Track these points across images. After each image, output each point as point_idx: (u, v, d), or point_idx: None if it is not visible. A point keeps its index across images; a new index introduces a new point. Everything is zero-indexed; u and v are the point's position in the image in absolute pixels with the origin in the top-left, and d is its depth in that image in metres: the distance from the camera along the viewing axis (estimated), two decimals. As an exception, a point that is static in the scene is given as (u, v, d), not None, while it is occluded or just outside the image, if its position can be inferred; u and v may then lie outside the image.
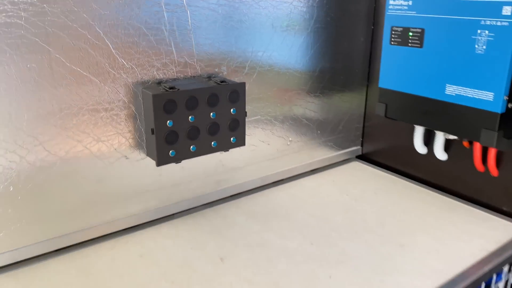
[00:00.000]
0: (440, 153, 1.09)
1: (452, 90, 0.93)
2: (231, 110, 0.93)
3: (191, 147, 0.89)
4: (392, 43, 1.00)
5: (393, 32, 1.00)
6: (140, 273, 0.80)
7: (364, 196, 1.10)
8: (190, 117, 0.87)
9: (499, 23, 0.82)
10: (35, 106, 0.75)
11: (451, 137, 1.03)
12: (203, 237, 0.92)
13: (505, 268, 0.96)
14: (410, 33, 0.97)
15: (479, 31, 0.85)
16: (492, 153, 0.98)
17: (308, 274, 0.80)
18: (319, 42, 1.12)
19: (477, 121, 0.89)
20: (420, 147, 1.13)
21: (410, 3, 0.96)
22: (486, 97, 0.87)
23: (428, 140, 1.13)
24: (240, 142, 0.97)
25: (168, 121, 0.84)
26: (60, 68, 0.76)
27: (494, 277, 0.90)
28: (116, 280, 0.78)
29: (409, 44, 0.97)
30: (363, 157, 1.35)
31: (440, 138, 1.07)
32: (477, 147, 1.00)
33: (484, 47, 0.85)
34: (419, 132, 1.11)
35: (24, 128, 0.75)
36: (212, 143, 0.92)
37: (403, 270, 0.81)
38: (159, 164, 0.86)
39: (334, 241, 0.90)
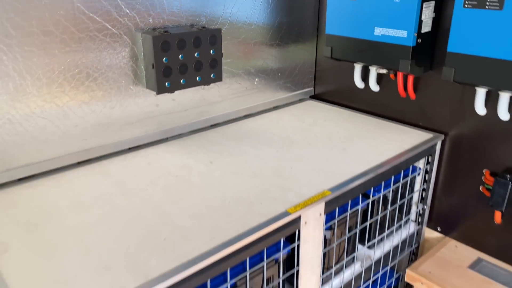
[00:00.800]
0: (374, 86, 1.40)
1: (379, 32, 1.22)
2: (211, 51, 1.18)
3: (182, 80, 1.14)
4: (334, -3, 1.29)
5: (334, -11, 1.28)
6: (151, 172, 1.06)
7: (317, 122, 1.40)
8: (180, 55, 1.11)
9: (408, -22, 1.11)
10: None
11: (381, 71, 1.34)
12: (194, 151, 1.18)
13: (421, 164, 1.29)
14: (347, -11, 1.25)
15: (395, -15, 1.14)
16: (410, 80, 1.29)
17: (275, 167, 1.08)
18: (275, 1, 1.39)
19: (397, 54, 1.19)
20: (359, 83, 1.44)
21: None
22: (402, 35, 1.17)
23: (365, 77, 1.43)
24: (218, 78, 1.23)
25: (164, 58, 1.08)
26: (81, 15, 0.98)
27: (411, 168, 1.23)
28: (132, 178, 1.03)
29: (347, -2, 1.26)
30: (316, 97, 1.64)
31: (373, 73, 1.37)
32: (400, 77, 1.31)
33: (399, -4, 1.14)
34: (357, 70, 1.41)
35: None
36: (197, 78, 1.17)
37: (345, 162, 1.12)
38: (159, 92, 1.10)
39: (294, 149, 1.19)
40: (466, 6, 1.01)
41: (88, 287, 0.68)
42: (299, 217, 0.90)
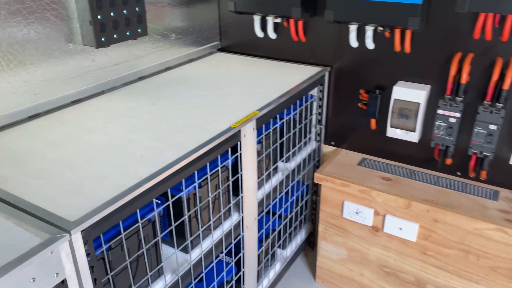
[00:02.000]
0: (272, 34, 1.69)
1: (273, -13, 1.50)
2: (137, 8, 1.34)
3: (115, 35, 1.29)
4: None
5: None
6: (103, 116, 1.21)
7: (230, 69, 1.65)
8: (112, 12, 1.26)
9: None
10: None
11: (277, 20, 1.63)
12: (135, 97, 1.35)
13: (315, 92, 1.64)
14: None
15: None
16: (300, 26, 1.61)
17: (210, 102, 1.32)
18: (182, -39, 1.57)
19: (289, 2, 1.49)
20: (259, 32, 1.71)
21: None
22: (292, -12, 1.46)
23: (263, 27, 1.71)
24: (145, 32, 1.39)
25: (99, 15, 1.22)
26: (20, -23, 1.07)
27: (309, 96, 1.57)
28: (88, 122, 1.17)
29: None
30: (223, 50, 1.89)
31: (270, 22, 1.65)
32: (292, 23, 1.61)
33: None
34: (257, 22, 1.69)
35: (2, 21, 1.05)
36: (127, 32, 1.33)
37: (262, 92, 1.39)
38: (98, 46, 1.24)
39: (220, 89, 1.44)
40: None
41: (96, 188, 0.86)
42: (239, 131, 1.16)
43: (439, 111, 1.38)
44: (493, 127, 1.31)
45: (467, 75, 1.33)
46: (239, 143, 1.17)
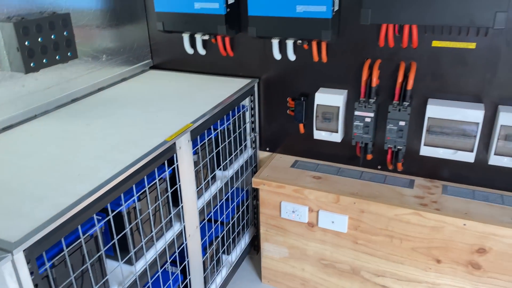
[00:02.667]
0: (201, 50, 1.78)
1: (198, 5, 1.59)
2: (65, 32, 1.37)
3: (44, 60, 1.31)
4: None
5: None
6: (37, 140, 1.23)
7: (162, 85, 1.71)
8: (39, 38, 1.28)
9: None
10: None
11: (205, 37, 1.72)
12: (69, 119, 1.38)
13: (246, 102, 1.74)
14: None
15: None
16: (227, 42, 1.71)
17: (144, 118, 1.37)
18: (108, -15, 1.62)
19: (214, 21, 1.58)
20: (189, 49, 1.80)
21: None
22: (215, 6, 1.56)
23: (192, 44, 1.79)
24: (74, 55, 1.42)
25: (26, 41, 1.24)
26: None
27: (240, 106, 1.67)
28: (23, 146, 1.19)
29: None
30: (155, 67, 1.94)
31: (199, 39, 1.74)
32: (219, 39, 1.71)
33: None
34: (186, 39, 1.77)
35: None
36: (57, 56, 1.36)
37: (195, 105, 1.47)
38: (27, 72, 1.26)
39: (152, 105, 1.49)
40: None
41: (36, 209, 0.89)
42: (174, 144, 1.23)
43: (356, 113, 1.54)
44: (402, 123, 1.48)
45: (376, 79, 1.50)
46: (175, 155, 1.24)
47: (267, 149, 1.88)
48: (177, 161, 1.25)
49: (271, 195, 1.68)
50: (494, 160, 1.41)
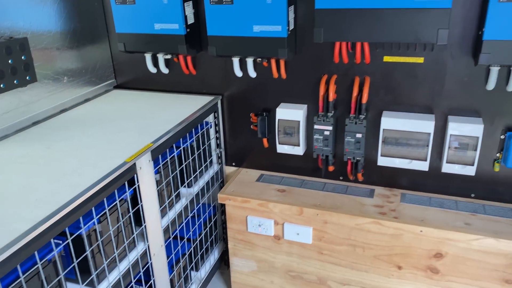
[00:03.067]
0: (164, 69, 1.80)
1: (158, 26, 1.62)
2: (22, 57, 1.37)
3: (1, 85, 1.31)
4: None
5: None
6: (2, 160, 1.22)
7: (126, 105, 1.73)
8: (-5, 63, 1.28)
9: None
10: None
11: (168, 56, 1.74)
12: (29, 142, 1.37)
13: (210, 119, 1.77)
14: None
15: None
16: (189, 60, 1.74)
17: (105, 139, 1.38)
18: (66, 10, 1.63)
19: (174, 41, 1.61)
20: (152, 68, 1.82)
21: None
22: (175, 27, 1.59)
23: (156, 63, 1.81)
24: (33, 79, 1.43)
25: (-19, 67, 1.24)
26: None
27: (204, 123, 1.70)
28: (-21, 173, 1.18)
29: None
30: (119, 87, 1.95)
31: (161, 58, 1.77)
32: (181, 58, 1.74)
33: (167, 0, 1.56)
34: (148, 59, 1.79)
35: None
36: (15, 81, 1.36)
37: (157, 124, 1.49)
38: (-17, 97, 1.25)
39: (114, 126, 1.50)
40: (211, 3, 1.49)
41: (30, 212, 0.90)
42: (135, 164, 1.24)
43: (316, 126, 1.59)
44: (359, 135, 1.54)
45: (333, 93, 1.56)
46: (135, 175, 1.25)
47: (233, 164, 1.90)
48: (138, 182, 1.26)
49: (237, 210, 1.70)
50: (447, 168, 1.48)
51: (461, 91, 1.44)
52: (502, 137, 1.45)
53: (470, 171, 1.45)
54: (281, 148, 1.70)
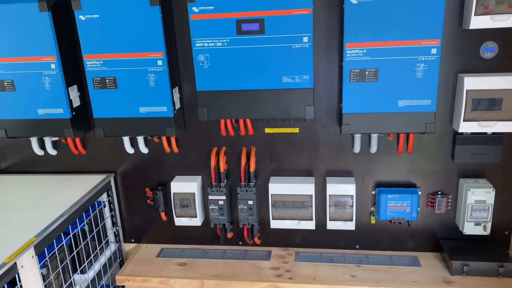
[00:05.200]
0: (51, 151, 1.75)
1: (42, 112, 1.59)
2: None
3: None
4: None
5: None
6: None
7: (11, 192, 1.63)
8: None
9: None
10: None
11: (54, 138, 1.70)
12: None
13: (104, 198, 1.74)
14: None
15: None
16: (77, 141, 1.72)
17: None
18: None
19: (59, 125, 1.59)
20: (38, 151, 1.75)
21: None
22: (60, 111, 1.58)
23: (42, 146, 1.76)
24: None
25: None
26: None
27: (96, 203, 1.66)
28: None
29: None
30: (3, 172, 1.84)
31: (48, 141, 1.71)
32: (69, 140, 1.71)
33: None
34: (34, 142, 1.72)
35: None
36: None
37: (42, 214, 1.43)
38: None
39: (3, 217, 1.41)
40: (95, 87, 1.52)
41: None
42: (15, 263, 1.18)
43: (210, 197, 1.65)
44: (251, 202, 1.62)
45: (223, 164, 1.64)
46: (17, 275, 1.18)
47: (132, 240, 1.87)
48: (20, 282, 1.19)
49: (138, 289, 1.66)
50: (331, 225, 1.62)
51: (334, 155, 1.62)
52: (373, 192, 1.64)
53: (350, 226, 1.60)
54: (179, 221, 1.72)
